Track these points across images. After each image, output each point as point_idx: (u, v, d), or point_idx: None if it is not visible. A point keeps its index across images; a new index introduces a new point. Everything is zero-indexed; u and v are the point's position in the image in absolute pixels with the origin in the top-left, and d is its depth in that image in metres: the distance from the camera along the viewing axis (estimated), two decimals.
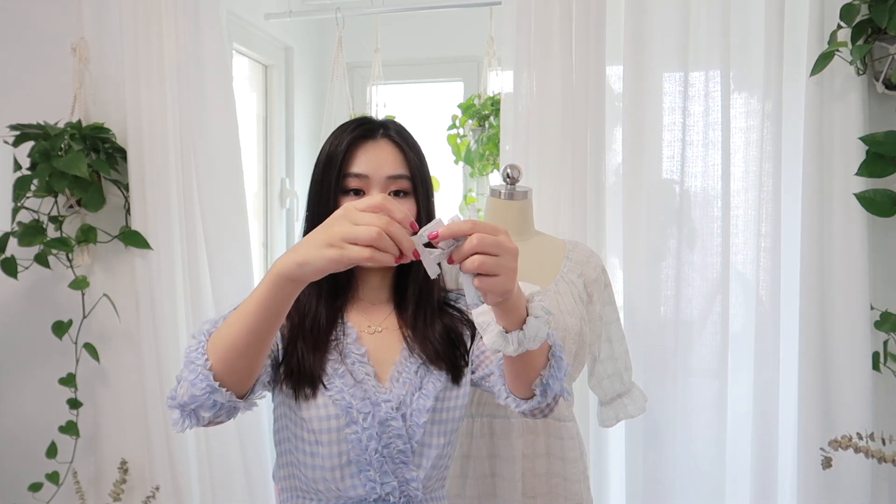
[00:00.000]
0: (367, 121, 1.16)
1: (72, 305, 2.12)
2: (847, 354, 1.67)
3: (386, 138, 1.13)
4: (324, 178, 1.12)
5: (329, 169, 1.12)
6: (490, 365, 1.14)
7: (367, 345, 1.12)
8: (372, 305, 1.17)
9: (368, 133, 1.13)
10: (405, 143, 1.15)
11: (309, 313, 1.11)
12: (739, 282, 1.79)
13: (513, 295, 0.86)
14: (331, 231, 0.81)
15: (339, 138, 1.13)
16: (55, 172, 1.93)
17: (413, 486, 1.10)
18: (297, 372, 1.07)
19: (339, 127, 1.17)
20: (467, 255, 0.82)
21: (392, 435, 1.08)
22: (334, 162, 1.11)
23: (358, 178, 1.10)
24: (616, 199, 1.85)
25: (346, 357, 1.10)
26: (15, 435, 2.21)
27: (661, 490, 1.81)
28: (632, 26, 1.77)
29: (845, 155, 1.67)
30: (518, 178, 1.44)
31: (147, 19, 1.99)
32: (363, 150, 1.11)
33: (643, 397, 1.58)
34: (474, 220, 0.84)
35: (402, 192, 1.12)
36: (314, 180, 1.15)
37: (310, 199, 1.16)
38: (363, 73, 2.96)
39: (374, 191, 1.10)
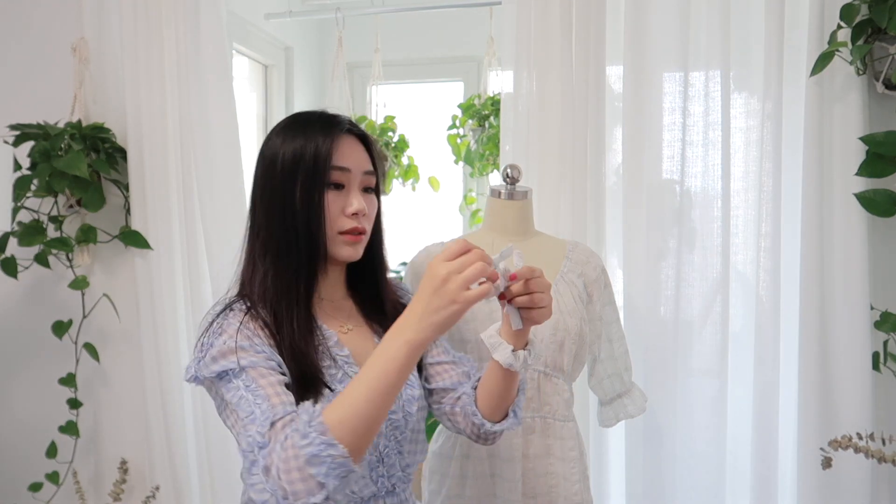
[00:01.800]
0: (333, 115, 1.14)
1: (72, 305, 2.12)
2: (847, 354, 1.67)
3: (353, 134, 1.13)
4: (300, 174, 1.07)
5: (309, 163, 1.07)
6: (449, 380, 1.20)
7: (347, 345, 1.12)
8: (333, 304, 1.17)
9: (342, 128, 1.11)
10: (369, 140, 1.16)
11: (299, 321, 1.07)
12: (739, 282, 1.79)
13: None
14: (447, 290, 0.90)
15: (308, 133, 1.09)
16: (55, 172, 1.93)
17: (409, 471, 1.15)
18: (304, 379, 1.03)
19: (295, 121, 1.13)
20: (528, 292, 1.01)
21: (393, 427, 1.11)
22: (317, 156, 1.07)
23: (342, 172, 1.09)
24: (616, 199, 1.85)
25: (336, 362, 1.08)
26: (15, 434, 2.21)
27: (661, 490, 1.81)
28: (632, 26, 1.77)
29: (845, 155, 1.67)
30: (518, 178, 1.44)
31: (147, 19, 1.99)
32: (343, 145, 1.10)
33: (643, 397, 1.58)
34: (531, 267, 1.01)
35: (372, 188, 1.14)
36: (281, 177, 1.08)
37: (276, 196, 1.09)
38: (363, 73, 2.96)
39: (354, 185, 1.10)
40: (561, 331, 1.37)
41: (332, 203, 1.09)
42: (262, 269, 1.09)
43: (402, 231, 3.04)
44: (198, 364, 1.03)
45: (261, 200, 1.12)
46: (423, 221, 3.11)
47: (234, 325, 1.03)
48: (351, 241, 1.10)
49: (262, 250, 1.10)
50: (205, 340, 1.04)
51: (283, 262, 1.08)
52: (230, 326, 1.03)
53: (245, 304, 1.07)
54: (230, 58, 2.15)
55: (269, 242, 1.09)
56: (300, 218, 1.07)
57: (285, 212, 1.08)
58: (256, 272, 1.09)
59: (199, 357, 1.03)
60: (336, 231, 1.09)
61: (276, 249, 1.09)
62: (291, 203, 1.07)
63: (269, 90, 2.83)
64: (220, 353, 1.01)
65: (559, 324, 1.38)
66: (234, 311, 1.06)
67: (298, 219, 1.07)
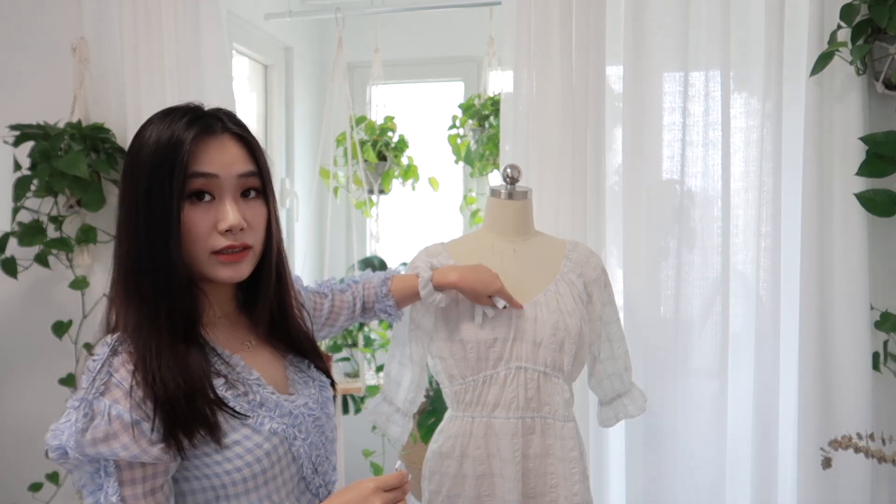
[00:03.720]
0: (200, 111, 0.97)
1: (72, 305, 2.12)
2: (847, 354, 1.67)
3: (227, 132, 0.96)
4: (156, 182, 0.90)
5: (166, 169, 0.90)
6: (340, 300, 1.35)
7: (253, 366, 1.02)
8: (229, 321, 1.04)
9: (208, 127, 0.94)
10: (248, 135, 0.99)
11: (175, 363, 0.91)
12: (739, 282, 1.79)
13: None
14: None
15: (168, 132, 0.92)
16: (55, 172, 1.93)
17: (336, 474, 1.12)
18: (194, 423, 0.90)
19: (159, 118, 0.96)
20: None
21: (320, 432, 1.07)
22: (174, 161, 0.90)
23: (206, 179, 0.92)
24: (616, 199, 1.85)
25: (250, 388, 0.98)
26: (15, 435, 2.21)
27: (661, 490, 1.81)
28: (632, 26, 1.77)
29: (845, 155, 1.67)
30: (518, 178, 1.44)
31: (147, 19, 1.99)
32: (207, 146, 0.93)
33: (643, 397, 1.58)
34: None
35: (254, 190, 0.98)
36: (138, 184, 0.92)
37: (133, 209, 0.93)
38: (363, 73, 2.96)
39: (226, 194, 0.94)
40: (561, 331, 1.37)
41: (200, 219, 0.93)
42: (122, 295, 0.95)
43: (402, 231, 3.05)
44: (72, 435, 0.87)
45: (120, 210, 0.95)
46: (423, 221, 3.11)
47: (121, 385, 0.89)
48: (228, 262, 0.94)
49: (121, 272, 0.95)
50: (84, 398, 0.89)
51: (143, 288, 0.93)
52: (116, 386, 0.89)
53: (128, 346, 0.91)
54: (230, 58, 2.15)
55: (128, 263, 0.94)
56: (159, 238, 0.91)
57: (140, 229, 0.92)
58: (117, 299, 0.96)
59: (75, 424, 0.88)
60: (208, 252, 0.94)
61: (136, 272, 0.93)
62: (148, 219, 0.91)
63: (269, 90, 2.83)
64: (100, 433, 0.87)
65: (559, 324, 1.38)
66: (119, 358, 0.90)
67: (158, 238, 0.91)
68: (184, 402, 0.89)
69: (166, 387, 0.89)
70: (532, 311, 1.38)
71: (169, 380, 0.89)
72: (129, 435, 0.87)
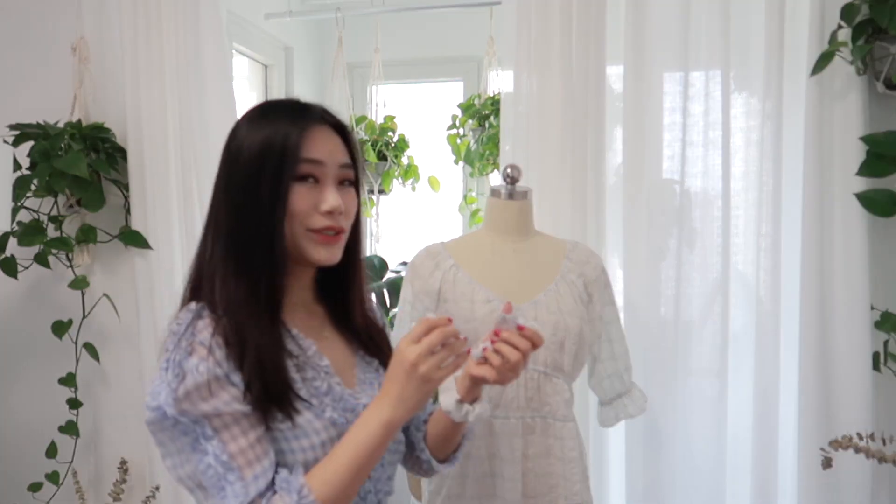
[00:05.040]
0: (304, 104, 1.04)
1: (72, 305, 2.12)
2: (847, 354, 1.67)
3: (328, 124, 1.03)
4: (265, 166, 0.97)
5: (275, 154, 0.97)
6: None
7: (326, 355, 1.04)
8: (305, 310, 1.07)
9: (315, 117, 1.02)
10: (346, 130, 1.05)
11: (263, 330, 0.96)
12: (739, 282, 1.79)
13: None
14: (419, 373, 0.91)
15: (276, 122, 0.99)
16: (55, 172, 1.93)
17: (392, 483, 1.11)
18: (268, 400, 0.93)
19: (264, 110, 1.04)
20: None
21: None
22: (284, 146, 0.97)
23: (314, 165, 0.99)
24: (616, 199, 1.85)
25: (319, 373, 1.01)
26: (15, 434, 2.21)
27: (661, 490, 1.81)
28: (632, 26, 1.77)
29: (845, 155, 1.67)
30: (518, 178, 1.44)
31: (147, 19, 1.99)
32: (315, 135, 1.00)
33: (643, 397, 1.58)
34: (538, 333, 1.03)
35: (349, 181, 1.04)
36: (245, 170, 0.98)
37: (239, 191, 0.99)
38: (363, 73, 2.96)
39: (329, 180, 1.00)
40: (561, 331, 1.37)
41: (303, 198, 0.98)
42: (221, 272, 0.98)
43: (402, 231, 3.05)
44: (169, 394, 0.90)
45: (224, 196, 1.01)
46: (423, 221, 3.11)
47: (205, 344, 0.93)
48: (325, 242, 1.00)
49: (223, 251, 0.99)
50: (172, 359, 0.93)
51: (246, 264, 0.98)
52: (200, 345, 0.92)
53: (213, 313, 0.96)
54: (230, 58, 2.15)
55: (231, 242, 0.99)
56: (265, 214, 0.97)
57: (248, 208, 0.98)
58: (216, 276, 0.99)
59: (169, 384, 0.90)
60: (306, 228, 0.99)
61: (239, 250, 0.98)
62: (255, 199, 0.97)
63: (269, 90, 2.83)
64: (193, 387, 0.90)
65: (559, 324, 1.37)
66: (203, 321, 0.95)
67: (263, 216, 0.97)
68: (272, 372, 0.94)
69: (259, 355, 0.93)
70: (532, 312, 1.38)
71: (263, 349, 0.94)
72: (222, 388, 0.91)
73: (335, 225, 1.00)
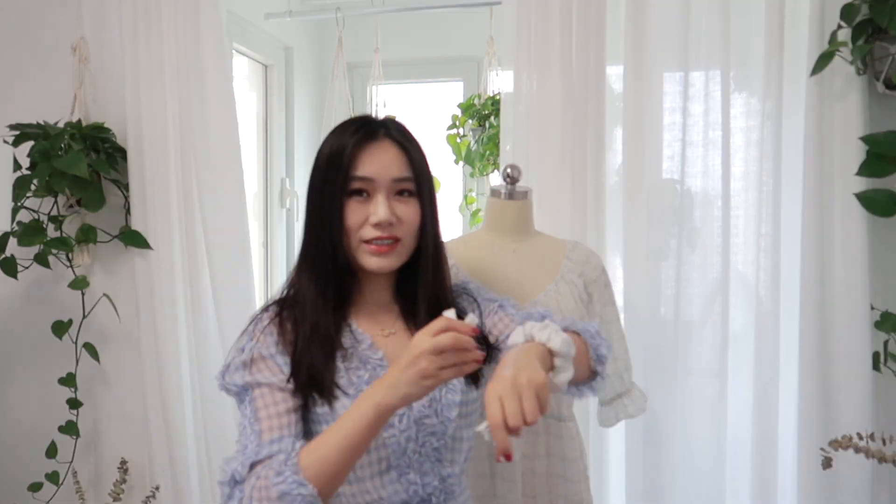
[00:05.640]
0: (369, 121, 1.13)
1: (72, 305, 2.12)
2: (847, 354, 1.67)
3: (389, 139, 1.11)
4: (326, 181, 1.09)
5: (332, 171, 1.08)
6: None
7: (383, 348, 1.11)
8: (378, 309, 1.16)
9: (371, 134, 1.10)
10: (408, 143, 1.13)
11: (317, 325, 1.08)
12: (739, 282, 1.79)
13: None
14: (421, 367, 0.91)
15: (340, 139, 1.10)
16: (55, 172, 1.93)
17: (451, 481, 1.11)
18: (311, 383, 1.05)
19: (339, 127, 1.14)
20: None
21: (427, 433, 1.07)
22: (339, 164, 1.08)
23: (363, 181, 1.08)
24: (616, 199, 1.85)
25: (366, 363, 1.08)
26: (15, 434, 2.21)
27: (661, 490, 1.81)
28: (632, 26, 1.77)
29: (845, 155, 1.67)
30: (518, 178, 1.44)
31: (147, 19, 1.99)
32: (367, 152, 1.08)
33: (643, 397, 1.58)
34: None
35: (408, 192, 1.11)
36: (315, 183, 1.12)
37: (311, 201, 1.12)
38: (363, 73, 2.96)
39: (379, 194, 1.08)
40: None
41: (355, 213, 1.08)
42: (299, 270, 1.13)
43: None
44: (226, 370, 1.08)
45: (306, 203, 1.13)
46: None
47: (260, 330, 1.09)
48: (376, 252, 1.08)
49: (303, 252, 1.13)
50: (238, 343, 1.10)
51: (315, 266, 1.10)
52: (257, 332, 1.09)
53: (277, 307, 1.12)
54: (230, 58, 2.15)
55: (307, 245, 1.12)
56: (325, 227, 1.08)
57: (315, 217, 1.10)
58: (297, 273, 1.13)
59: (227, 363, 1.09)
60: (359, 240, 1.08)
61: (310, 252, 1.11)
62: (320, 209, 1.09)
63: (269, 90, 2.83)
64: (242, 363, 1.06)
65: None
66: (267, 313, 1.12)
67: (324, 228, 1.08)
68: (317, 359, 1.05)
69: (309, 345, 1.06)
70: None
71: (314, 339, 1.06)
72: (265, 364, 1.06)
73: (385, 235, 1.07)
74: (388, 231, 1.07)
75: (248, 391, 1.05)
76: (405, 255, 1.11)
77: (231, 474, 0.98)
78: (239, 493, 0.97)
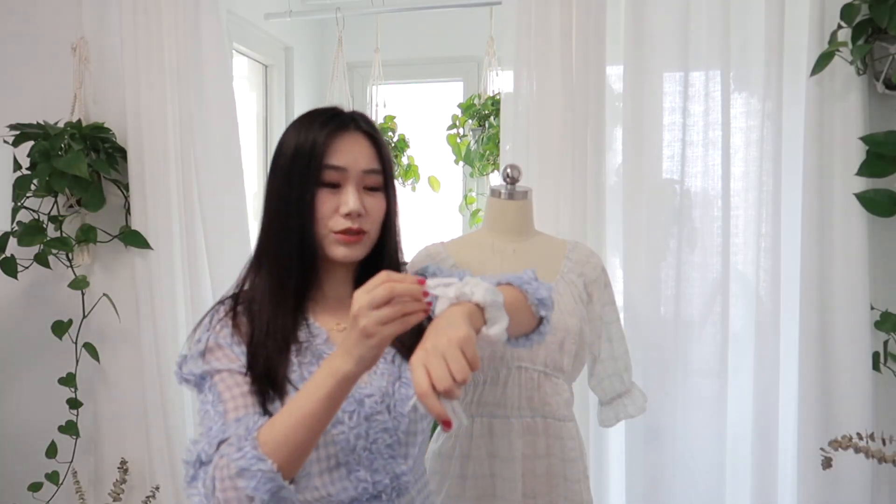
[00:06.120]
0: (339, 112, 1.12)
1: (72, 305, 2.12)
2: (847, 354, 1.67)
3: (359, 131, 1.11)
4: (295, 171, 1.07)
5: (303, 161, 1.07)
6: None
7: (338, 343, 1.07)
8: (337, 303, 1.14)
9: (343, 125, 1.09)
10: (377, 136, 1.12)
11: (274, 318, 1.07)
12: (739, 282, 1.79)
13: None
14: (361, 326, 0.88)
15: (309, 130, 1.08)
16: (55, 172, 1.93)
17: (404, 479, 1.08)
18: (265, 377, 1.03)
19: (304, 118, 1.12)
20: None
21: (379, 429, 1.05)
22: (311, 154, 1.06)
23: (336, 171, 1.07)
24: (616, 198, 1.85)
25: (320, 358, 1.07)
26: (15, 435, 2.21)
27: (661, 490, 1.81)
28: (632, 26, 1.77)
29: (845, 155, 1.67)
30: (518, 178, 1.44)
31: (147, 19, 1.99)
32: (340, 143, 1.08)
33: (643, 397, 1.58)
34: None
35: (375, 186, 1.11)
36: (281, 173, 1.09)
37: (277, 193, 1.10)
38: (363, 73, 2.96)
39: (350, 184, 1.08)
40: (561, 330, 1.37)
41: (326, 202, 1.07)
42: (256, 265, 1.12)
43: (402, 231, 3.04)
44: (183, 361, 1.08)
45: (266, 196, 1.12)
46: (423, 221, 3.11)
47: (214, 323, 1.08)
48: (345, 242, 1.08)
49: (261, 246, 1.12)
50: (194, 336, 1.09)
51: (277, 259, 1.09)
52: (214, 322, 1.08)
53: (233, 301, 1.11)
54: (230, 58, 2.15)
55: (267, 239, 1.11)
56: (293, 217, 1.07)
57: (281, 209, 1.09)
58: (254, 268, 1.12)
59: (184, 354, 1.09)
60: (329, 230, 1.08)
61: (271, 246, 1.10)
62: (287, 200, 1.08)
63: (269, 90, 2.83)
64: (199, 353, 1.06)
65: (559, 323, 1.37)
66: (223, 306, 1.11)
67: (292, 218, 1.07)
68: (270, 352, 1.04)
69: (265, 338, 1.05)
70: None
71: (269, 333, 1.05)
72: (223, 353, 1.05)
73: (353, 226, 1.07)
74: (357, 222, 1.08)
75: (207, 378, 1.04)
76: (369, 247, 1.12)
77: (197, 454, 0.96)
78: (203, 475, 0.94)
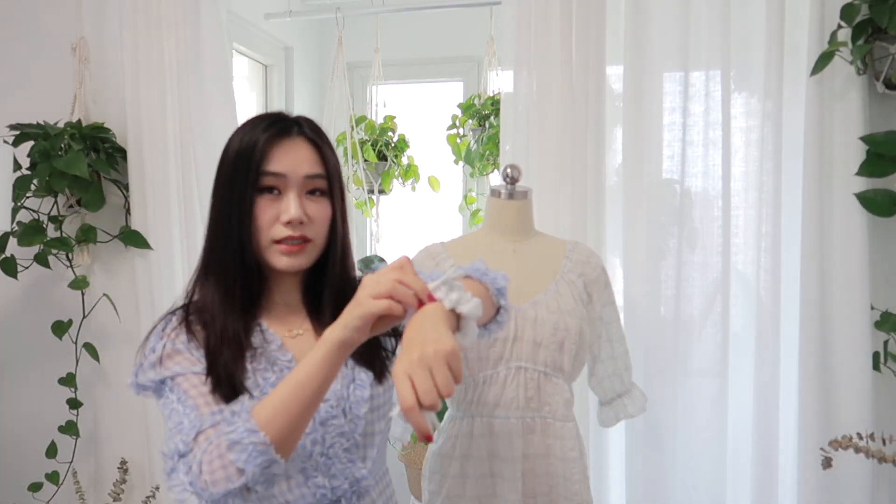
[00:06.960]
0: (282, 117, 1.09)
1: (72, 305, 2.12)
2: (847, 354, 1.67)
3: (302, 136, 1.07)
4: (235, 176, 1.04)
5: (242, 167, 1.04)
6: None
7: (292, 349, 1.07)
8: (287, 308, 1.12)
9: (284, 130, 1.06)
10: (321, 141, 1.09)
11: (226, 327, 1.05)
12: (739, 282, 1.79)
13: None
14: (358, 295, 0.88)
15: (251, 134, 1.05)
16: (55, 172, 1.93)
17: (364, 482, 1.07)
18: (226, 382, 1.01)
19: (250, 122, 1.08)
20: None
21: (335, 434, 1.04)
22: (249, 159, 1.03)
23: (275, 177, 1.04)
24: (616, 198, 1.85)
25: (274, 364, 1.05)
26: (15, 435, 2.21)
27: (661, 490, 1.81)
28: (632, 26, 1.77)
29: (845, 155, 1.67)
30: (518, 178, 1.44)
31: (147, 19, 1.99)
32: (280, 148, 1.04)
33: (643, 397, 1.58)
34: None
35: (319, 191, 1.07)
36: (222, 178, 1.06)
37: (218, 198, 1.07)
38: (363, 73, 2.96)
39: (291, 191, 1.04)
40: (561, 331, 1.37)
41: (265, 210, 1.04)
42: (203, 274, 1.09)
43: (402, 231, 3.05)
44: (139, 370, 1.05)
45: (211, 203, 1.09)
46: (423, 221, 3.11)
47: (171, 329, 1.06)
48: (287, 252, 1.04)
49: (207, 253, 1.09)
50: (146, 345, 1.06)
51: (220, 267, 1.06)
52: (168, 330, 1.06)
53: (184, 311, 1.08)
54: (230, 58, 2.15)
55: (211, 248, 1.08)
56: (234, 224, 1.04)
57: (222, 216, 1.06)
58: (201, 277, 1.09)
59: (140, 363, 1.05)
60: (270, 240, 1.04)
61: (215, 255, 1.07)
62: (228, 206, 1.05)
63: (269, 90, 2.83)
64: (156, 360, 1.03)
65: (559, 323, 1.37)
66: (175, 316, 1.09)
67: (233, 225, 1.04)
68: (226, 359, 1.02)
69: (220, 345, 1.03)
70: (532, 311, 1.38)
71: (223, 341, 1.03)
72: (182, 357, 1.03)
73: (295, 234, 1.04)
74: (299, 230, 1.04)
75: (168, 381, 1.01)
76: (315, 254, 1.08)
77: (175, 446, 0.94)
78: (184, 466, 0.92)
